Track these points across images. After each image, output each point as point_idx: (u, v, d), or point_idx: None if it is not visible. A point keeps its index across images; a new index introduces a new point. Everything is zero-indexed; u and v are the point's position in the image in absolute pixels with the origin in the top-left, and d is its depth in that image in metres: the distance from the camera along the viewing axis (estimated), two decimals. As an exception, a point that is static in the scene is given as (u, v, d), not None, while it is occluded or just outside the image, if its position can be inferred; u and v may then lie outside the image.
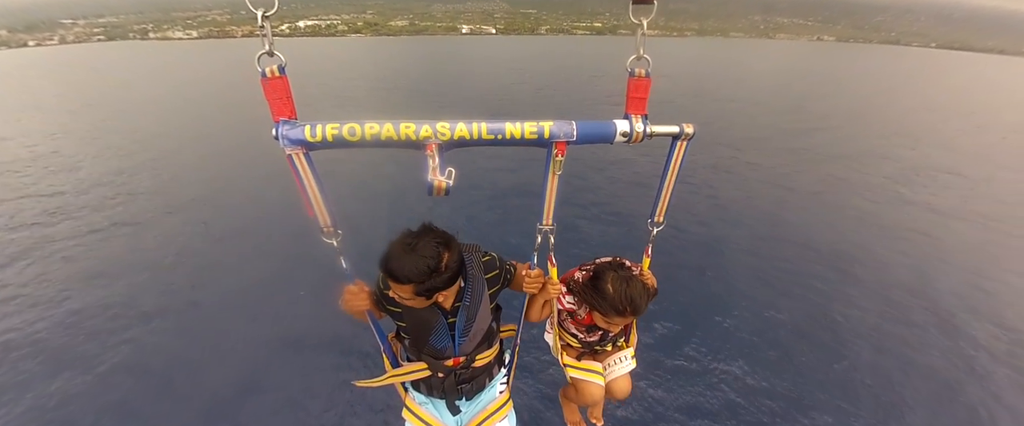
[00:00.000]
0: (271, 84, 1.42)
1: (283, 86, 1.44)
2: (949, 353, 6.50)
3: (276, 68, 1.42)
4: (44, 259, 8.57)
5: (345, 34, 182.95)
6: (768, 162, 14.50)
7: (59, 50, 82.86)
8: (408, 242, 1.65)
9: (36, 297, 7.42)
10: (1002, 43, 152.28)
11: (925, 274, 8.76)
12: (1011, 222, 10.41)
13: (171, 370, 6.35)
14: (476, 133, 1.57)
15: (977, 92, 34.94)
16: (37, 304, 7.16)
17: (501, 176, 11.26)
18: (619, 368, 2.42)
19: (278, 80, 1.42)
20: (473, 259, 1.90)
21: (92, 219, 10.01)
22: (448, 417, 2.16)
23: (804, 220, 10.64)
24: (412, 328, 1.92)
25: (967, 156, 15.73)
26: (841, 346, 6.56)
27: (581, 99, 26.02)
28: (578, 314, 2.22)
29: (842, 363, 6.28)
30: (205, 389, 5.98)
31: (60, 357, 6.14)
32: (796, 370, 6.11)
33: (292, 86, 1.43)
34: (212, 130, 17.31)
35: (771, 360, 6.26)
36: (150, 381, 5.97)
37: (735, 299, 7.54)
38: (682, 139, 1.73)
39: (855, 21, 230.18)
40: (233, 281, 7.90)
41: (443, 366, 1.98)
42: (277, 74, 1.42)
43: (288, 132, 1.46)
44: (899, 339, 7.11)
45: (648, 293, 2.00)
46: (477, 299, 1.88)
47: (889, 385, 6.10)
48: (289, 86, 1.46)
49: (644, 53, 1.62)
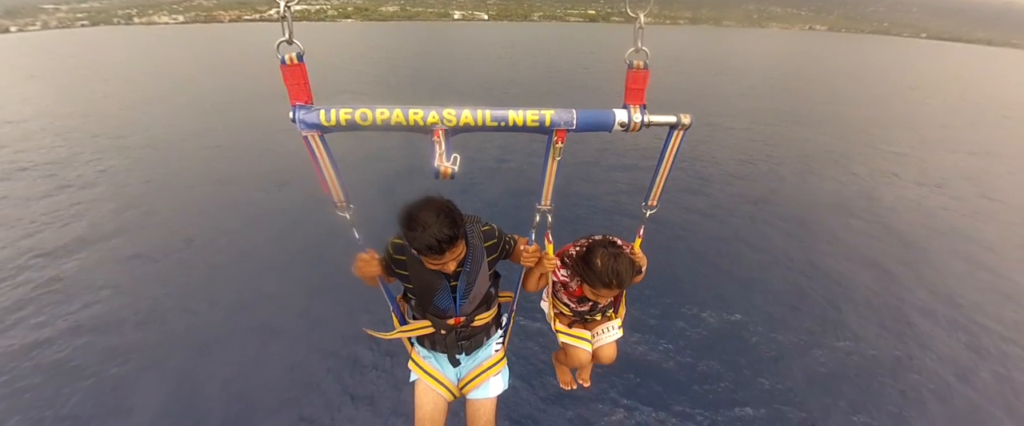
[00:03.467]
0: (290, 70, 1.49)
1: (301, 73, 1.51)
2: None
3: (295, 55, 1.48)
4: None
5: (335, 19, 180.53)
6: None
7: (42, 36, 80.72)
8: (417, 202, 1.78)
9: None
10: (990, 35, 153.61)
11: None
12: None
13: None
14: (480, 120, 1.63)
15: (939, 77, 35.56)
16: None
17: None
18: (606, 336, 2.62)
19: (297, 67, 1.50)
20: (474, 229, 2.04)
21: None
22: (449, 369, 2.38)
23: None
24: (418, 290, 2.09)
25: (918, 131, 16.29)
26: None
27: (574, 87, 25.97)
28: (570, 286, 2.39)
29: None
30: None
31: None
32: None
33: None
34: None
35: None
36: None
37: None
38: (679, 129, 1.79)
39: (848, 11, 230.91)
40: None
41: (445, 324, 2.18)
42: (296, 61, 1.49)
43: (304, 116, 1.54)
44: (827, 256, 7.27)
45: (633, 269, 2.16)
46: (477, 265, 2.05)
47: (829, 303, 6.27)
48: (306, 73, 1.54)
49: (642, 45, 1.66)
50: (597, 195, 9.55)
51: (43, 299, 6.25)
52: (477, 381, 2.32)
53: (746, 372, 5.17)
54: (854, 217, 9.01)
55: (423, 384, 2.31)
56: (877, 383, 5.11)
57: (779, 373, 5.18)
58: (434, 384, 2.29)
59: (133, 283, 6.63)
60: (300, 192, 9.57)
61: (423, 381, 2.32)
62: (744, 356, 5.38)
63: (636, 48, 1.68)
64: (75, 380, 4.94)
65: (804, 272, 7.11)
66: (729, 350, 5.48)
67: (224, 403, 4.70)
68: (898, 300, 6.50)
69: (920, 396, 4.96)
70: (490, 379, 2.34)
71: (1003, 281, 7.04)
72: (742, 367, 5.22)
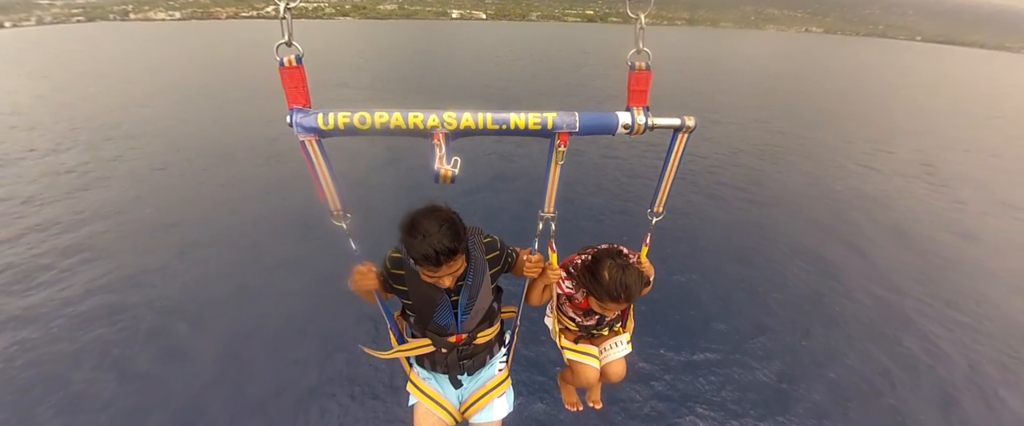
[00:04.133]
0: (288, 73, 1.46)
1: (299, 75, 1.47)
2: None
3: (293, 58, 1.45)
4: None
5: (333, 17, 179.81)
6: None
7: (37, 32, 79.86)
8: (422, 209, 1.74)
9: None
10: (983, 37, 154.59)
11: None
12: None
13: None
14: (482, 123, 1.60)
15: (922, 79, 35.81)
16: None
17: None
18: (614, 352, 2.50)
19: (295, 69, 1.46)
20: (475, 240, 1.97)
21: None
22: (450, 391, 2.26)
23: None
24: (417, 306, 1.99)
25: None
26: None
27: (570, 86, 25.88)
28: (576, 298, 2.28)
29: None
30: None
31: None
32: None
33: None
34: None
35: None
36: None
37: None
38: (683, 132, 1.74)
39: (844, 13, 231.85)
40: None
41: (446, 342, 2.07)
42: (294, 64, 1.45)
43: (302, 120, 1.50)
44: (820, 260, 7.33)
45: (642, 281, 2.06)
46: (479, 278, 1.96)
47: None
48: (305, 75, 1.49)
49: (643, 46, 1.64)
50: (601, 201, 9.47)
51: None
52: (480, 404, 2.19)
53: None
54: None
55: (423, 408, 2.19)
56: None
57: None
58: (435, 408, 2.17)
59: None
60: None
61: (423, 405, 2.19)
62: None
63: (637, 49, 1.64)
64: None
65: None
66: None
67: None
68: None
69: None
70: (494, 401, 2.23)
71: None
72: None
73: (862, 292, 6.58)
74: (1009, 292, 6.69)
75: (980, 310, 6.23)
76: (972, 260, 7.56)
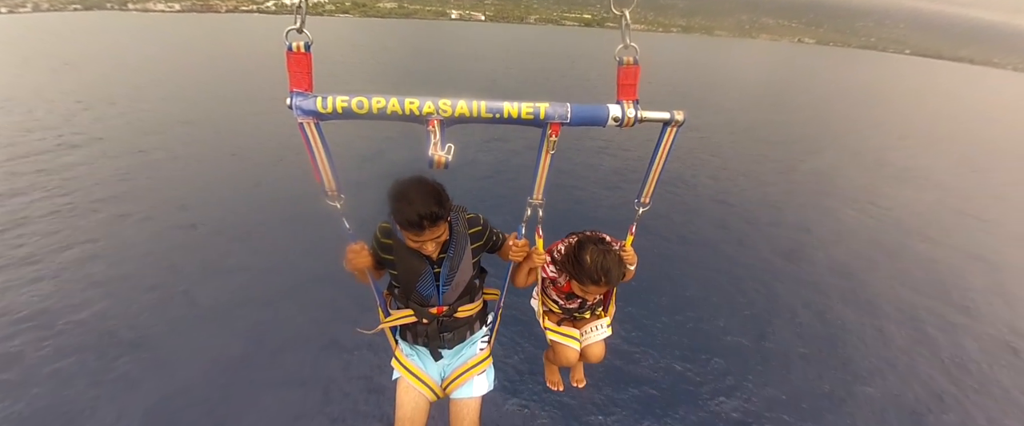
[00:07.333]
0: (295, 58, 1.52)
1: (306, 61, 1.54)
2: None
3: (302, 44, 1.51)
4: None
5: (333, 13, 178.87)
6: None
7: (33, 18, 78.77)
8: (409, 178, 1.84)
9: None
10: (972, 53, 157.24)
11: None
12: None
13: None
14: (476, 111, 1.66)
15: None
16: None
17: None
18: (595, 335, 2.62)
19: (302, 55, 1.52)
20: (458, 216, 2.09)
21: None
22: (432, 366, 2.35)
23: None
24: (402, 276, 2.11)
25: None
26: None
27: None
28: (559, 282, 2.40)
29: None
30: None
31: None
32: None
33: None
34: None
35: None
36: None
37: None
38: (672, 125, 1.82)
39: (837, 24, 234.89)
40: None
41: (427, 313, 2.18)
42: (303, 50, 1.52)
43: (301, 102, 1.55)
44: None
45: (622, 266, 2.16)
46: (460, 251, 2.09)
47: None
48: (311, 62, 1.56)
49: (630, 42, 1.68)
50: (589, 191, 9.57)
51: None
52: (461, 380, 2.28)
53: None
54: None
55: (405, 383, 2.27)
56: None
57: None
58: (416, 383, 2.27)
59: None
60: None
61: (405, 380, 2.28)
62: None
63: (625, 44, 1.69)
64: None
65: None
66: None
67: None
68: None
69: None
70: (474, 378, 2.31)
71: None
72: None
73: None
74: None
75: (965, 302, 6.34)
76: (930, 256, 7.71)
